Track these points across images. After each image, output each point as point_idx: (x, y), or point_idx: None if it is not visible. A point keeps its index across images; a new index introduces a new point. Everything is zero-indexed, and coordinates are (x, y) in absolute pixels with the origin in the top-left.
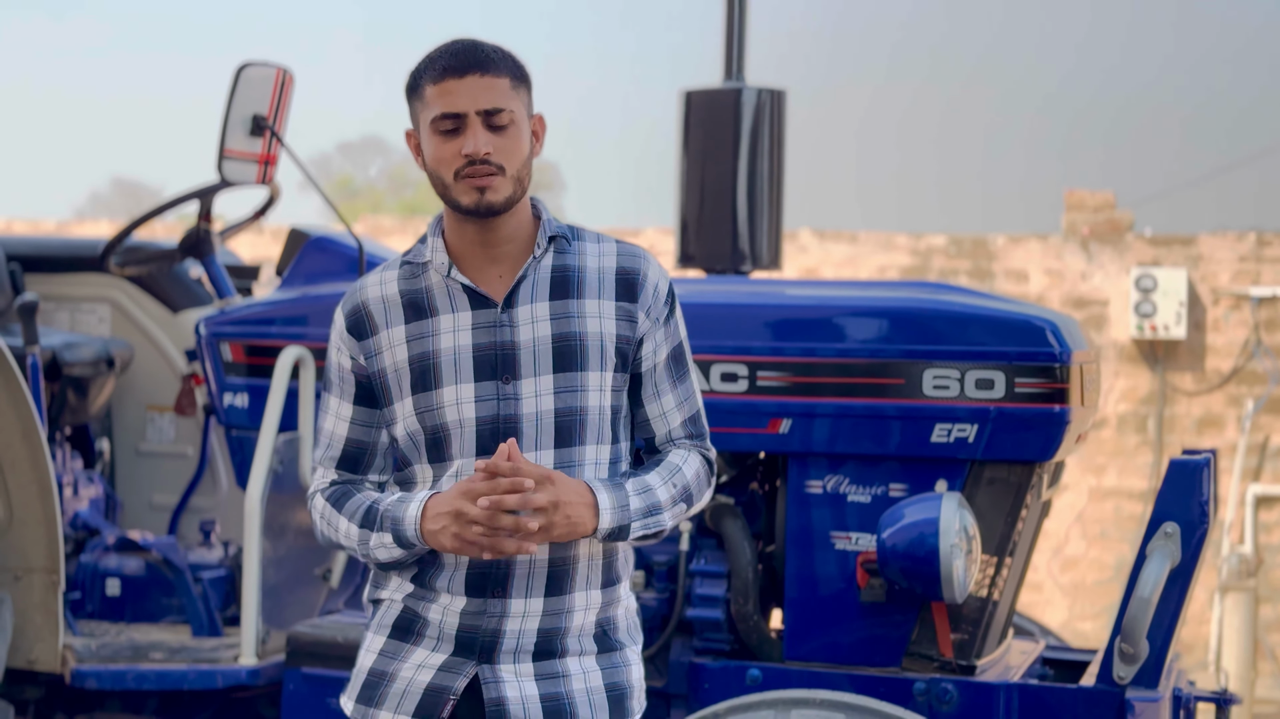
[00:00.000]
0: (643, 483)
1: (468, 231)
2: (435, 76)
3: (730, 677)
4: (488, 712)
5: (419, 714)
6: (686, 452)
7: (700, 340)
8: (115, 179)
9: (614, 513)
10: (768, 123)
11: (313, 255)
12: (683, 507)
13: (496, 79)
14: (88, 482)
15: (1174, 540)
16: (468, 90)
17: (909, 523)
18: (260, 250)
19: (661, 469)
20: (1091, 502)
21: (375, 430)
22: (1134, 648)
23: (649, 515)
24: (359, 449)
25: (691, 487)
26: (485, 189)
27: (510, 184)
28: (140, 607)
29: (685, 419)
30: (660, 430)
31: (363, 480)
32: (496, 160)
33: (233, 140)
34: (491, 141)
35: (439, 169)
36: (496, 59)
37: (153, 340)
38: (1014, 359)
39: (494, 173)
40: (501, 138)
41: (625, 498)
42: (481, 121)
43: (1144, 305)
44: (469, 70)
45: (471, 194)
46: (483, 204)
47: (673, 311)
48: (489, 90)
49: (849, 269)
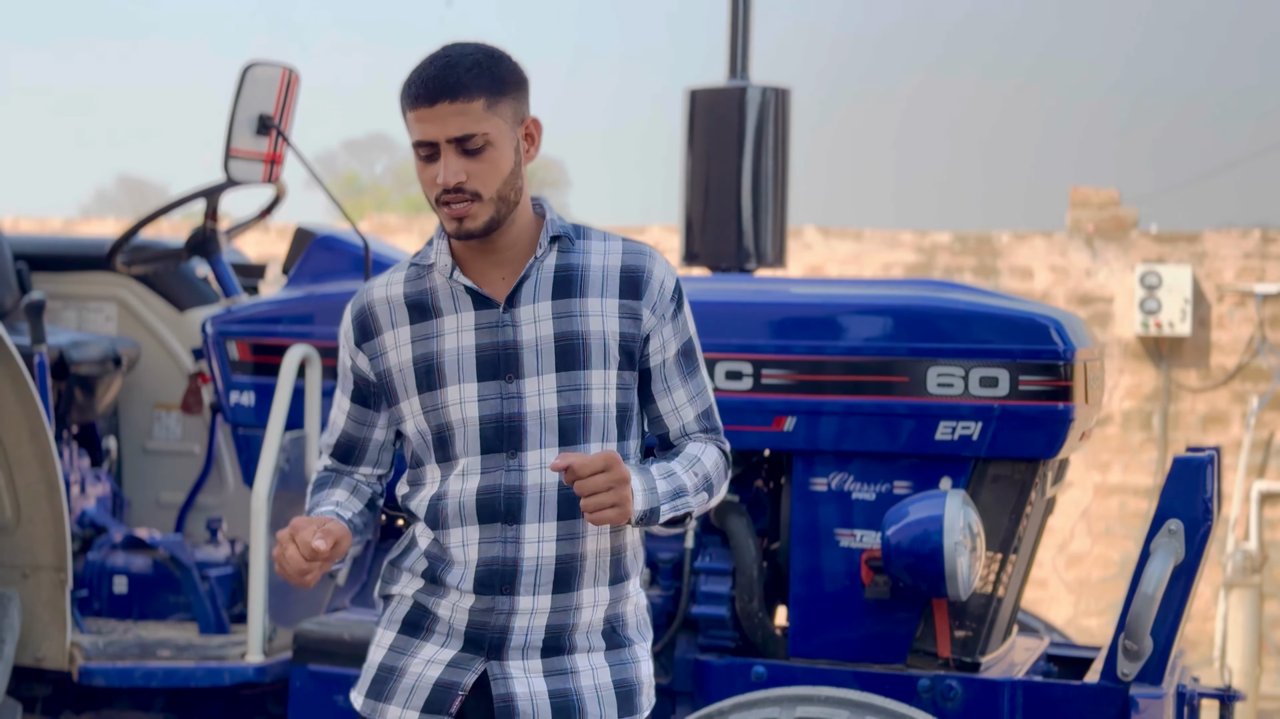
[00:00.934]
0: (667, 468)
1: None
2: (410, 102)
3: (735, 674)
4: (496, 708)
5: (428, 709)
6: (704, 444)
7: (705, 338)
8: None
9: (645, 495)
10: (772, 121)
11: (318, 254)
12: (705, 495)
13: (468, 104)
14: (95, 480)
15: (1178, 538)
16: (438, 119)
17: (913, 520)
18: (266, 249)
19: (682, 458)
20: (1097, 498)
21: (367, 429)
22: (1138, 645)
23: (676, 498)
24: (350, 443)
25: (712, 476)
26: (463, 218)
27: (489, 208)
28: (147, 604)
29: (699, 414)
30: (674, 426)
31: (353, 471)
32: (471, 188)
33: (239, 140)
34: (466, 168)
35: (424, 191)
36: (468, 81)
37: (159, 339)
38: (1018, 357)
39: (468, 200)
40: (476, 162)
41: (653, 480)
42: (454, 149)
43: (1149, 302)
44: (439, 98)
45: (451, 223)
46: (461, 232)
47: (680, 308)
48: (459, 117)
49: (854, 266)
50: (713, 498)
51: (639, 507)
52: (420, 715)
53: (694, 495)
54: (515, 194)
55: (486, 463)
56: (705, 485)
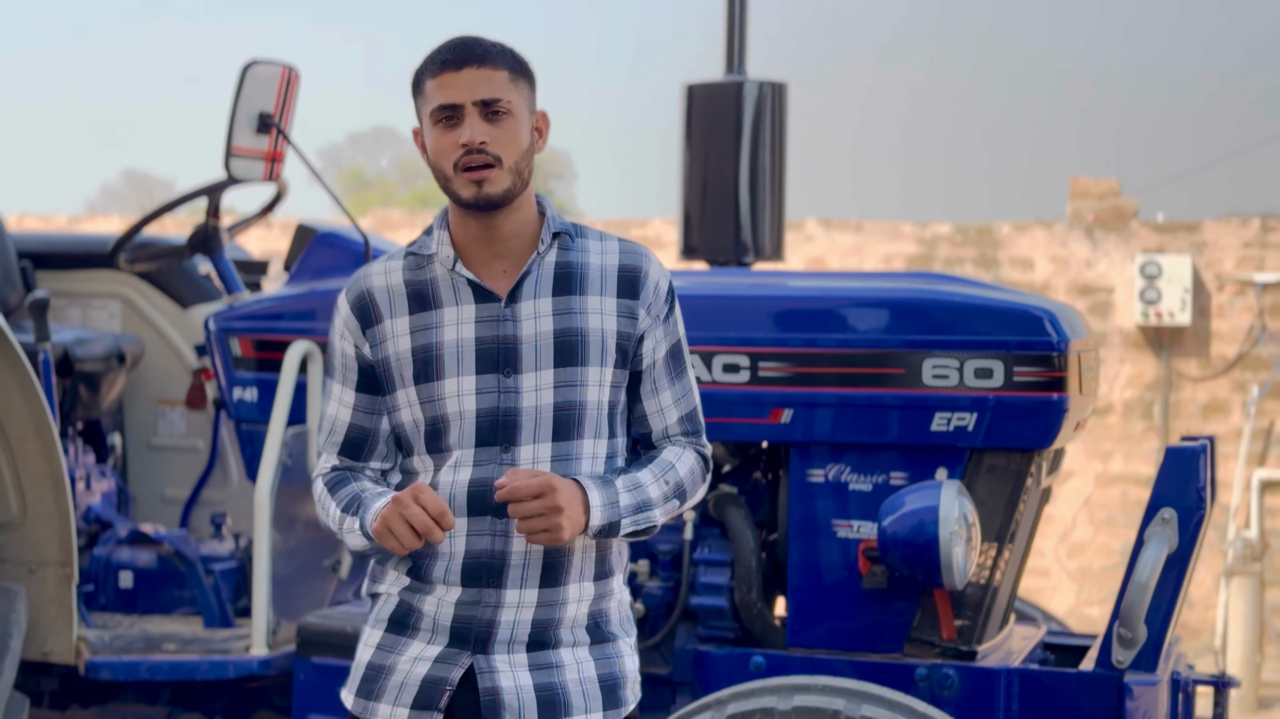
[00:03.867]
0: (633, 479)
1: (472, 226)
2: (434, 71)
3: (734, 664)
4: (482, 701)
5: (417, 706)
6: (681, 449)
7: (703, 331)
8: (127, 172)
9: (604, 510)
10: (769, 116)
11: (320, 250)
12: (675, 503)
13: (494, 71)
14: (100, 476)
15: (1171, 526)
16: (464, 82)
17: (909, 511)
18: (269, 245)
19: (654, 466)
20: (1098, 488)
21: (377, 418)
22: (1132, 632)
23: (639, 512)
24: (361, 435)
25: (685, 483)
26: (483, 181)
27: (508, 176)
28: (153, 599)
29: (682, 415)
30: (657, 426)
31: (364, 467)
32: (493, 150)
33: (240, 138)
34: (488, 131)
35: (439, 161)
36: (494, 53)
37: (163, 336)
38: (1013, 348)
39: (491, 164)
40: (498, 128)
41: (615, 494)
42: (479, 112)
43: (1149, 292)
44: (466, 63)
45: (470, 187)
46: (480, 197)
47: (672, 309)
48: (486, 81)
49: (855, 258)
50: (685, 504)
51: (596, 522)
52: (410, 712)
53: (660, 506)
54: (528, 174)
55: (480, 455)
56: (677, 493)
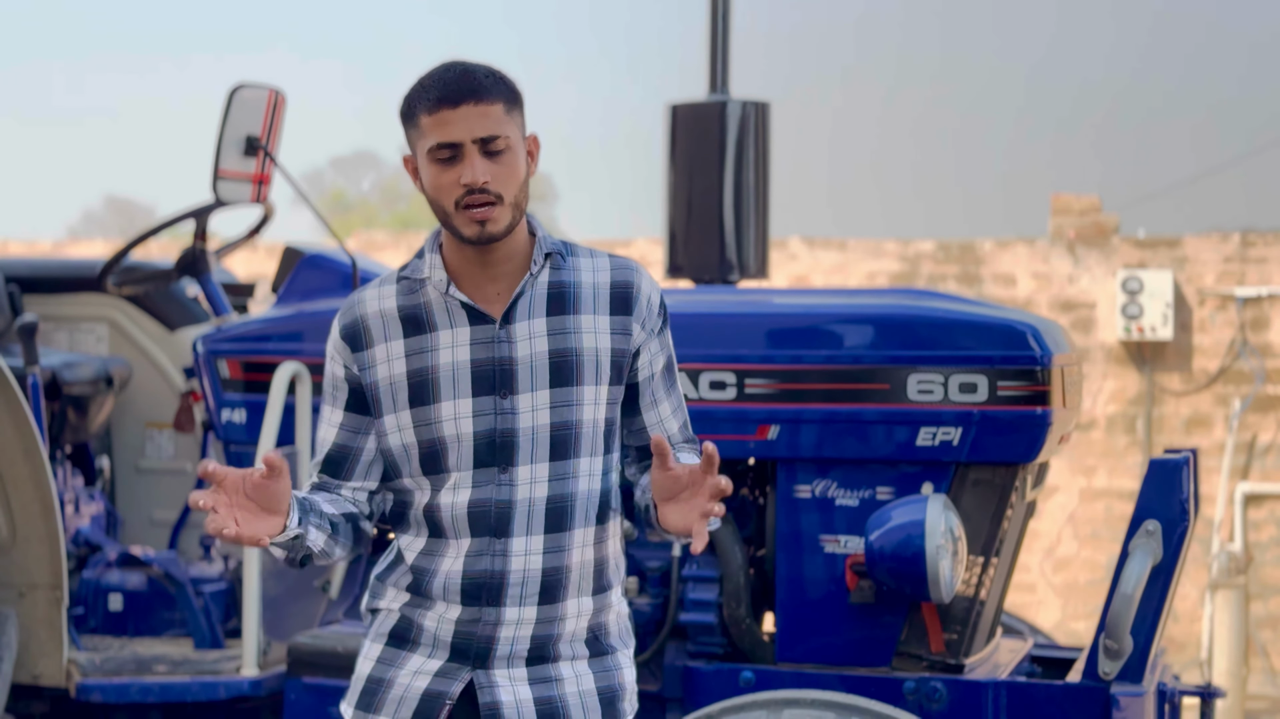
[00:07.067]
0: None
1: (466, 252)
2: (430, 106)
3: (723, 679)
4: (483, 715)
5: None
6: (689, 455)
7: (689, 349)
8: (108, 197)
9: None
10: (752, 135)
11: (307, 272)
12: None
13: (490, 106)
14: (89, 499)
15: (1155, 538)
16: (463, 119)
17: (895, 525)
18: (255, 268)
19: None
20: (1082, 502)
21: (362, 436)
22: (1118, 644)
23: None
24: (341, 454)
25: None
26: (485, 221)
27: (509, 212)
28: (143, 621)
29: (681, 425)
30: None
31: (340, 486)
32: (495, 189)
33: (227, 161)
34: (489, 170)
35: (439, 197)
36: (490, 85)
37: (151, 359)
38: (996, 363)
39: (493, 202)
40: (498, 164)
41: None
42: (478, 150)
43: (1131, 307)
44: (463, 99)
45: (472, 226)
46: (484, 235)
47: (665, 323)
48: (484, 118)
49: (839, 276)
50: None
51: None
52: None
53: None
54: (525, 203)
55: (478, 477)
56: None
